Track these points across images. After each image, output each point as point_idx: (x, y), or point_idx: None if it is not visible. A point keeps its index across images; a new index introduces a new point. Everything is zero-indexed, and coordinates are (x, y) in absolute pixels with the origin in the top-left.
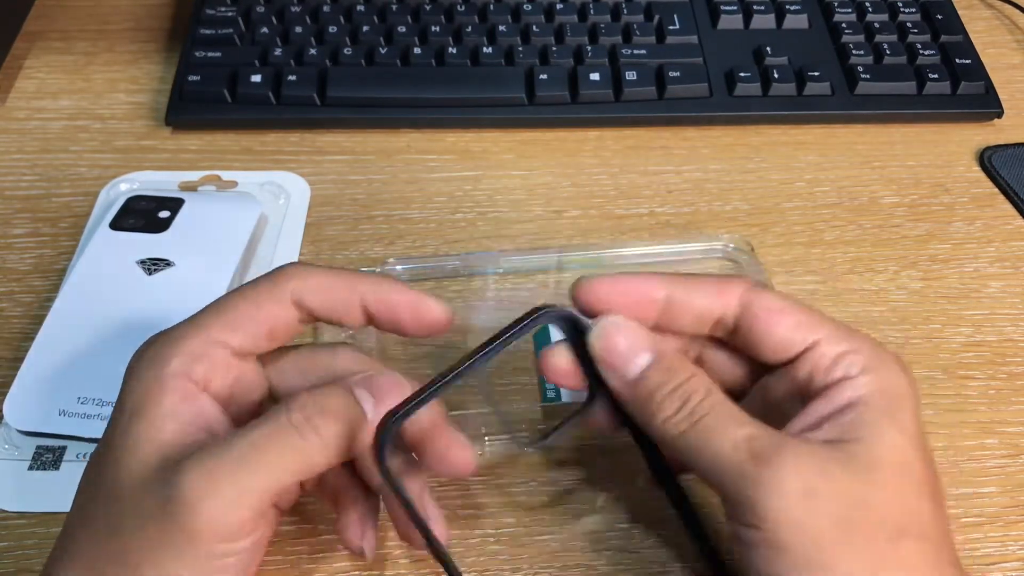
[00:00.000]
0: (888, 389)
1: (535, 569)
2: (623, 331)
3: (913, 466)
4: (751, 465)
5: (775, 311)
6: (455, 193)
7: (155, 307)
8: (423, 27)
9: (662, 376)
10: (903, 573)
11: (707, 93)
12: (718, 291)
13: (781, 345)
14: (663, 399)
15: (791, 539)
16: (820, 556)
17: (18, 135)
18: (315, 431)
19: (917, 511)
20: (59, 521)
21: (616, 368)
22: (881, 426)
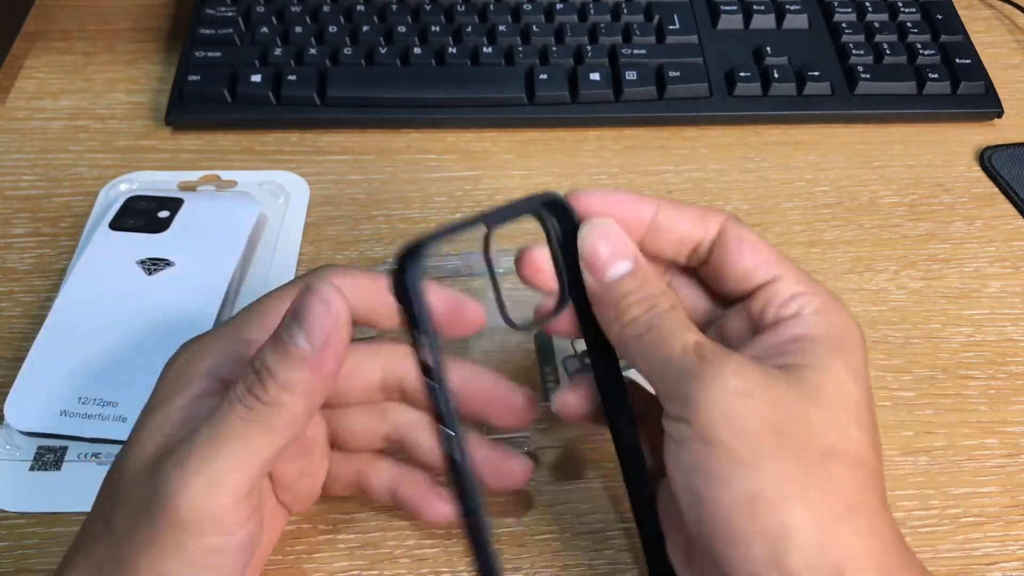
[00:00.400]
0: (838, 331)
1: (535, 569)
2: (612, 235)
3: (855, 400)
4: (696, 362)
5: (746, 243)
6: (455, 193)
7: (155, 307)
8: (423, 27)
9: (636, 284)
10: (831, 489)
11: (707, 93)
12: (701, 218)
13: (744, 275)
14: (630, 304)
15: (722, 434)
16: (749, 455)
17: (18, 135)
18: (269, 405)
19: (853, 439)
20: (60, 521)
21: (597, 267)
22: (827, 360)
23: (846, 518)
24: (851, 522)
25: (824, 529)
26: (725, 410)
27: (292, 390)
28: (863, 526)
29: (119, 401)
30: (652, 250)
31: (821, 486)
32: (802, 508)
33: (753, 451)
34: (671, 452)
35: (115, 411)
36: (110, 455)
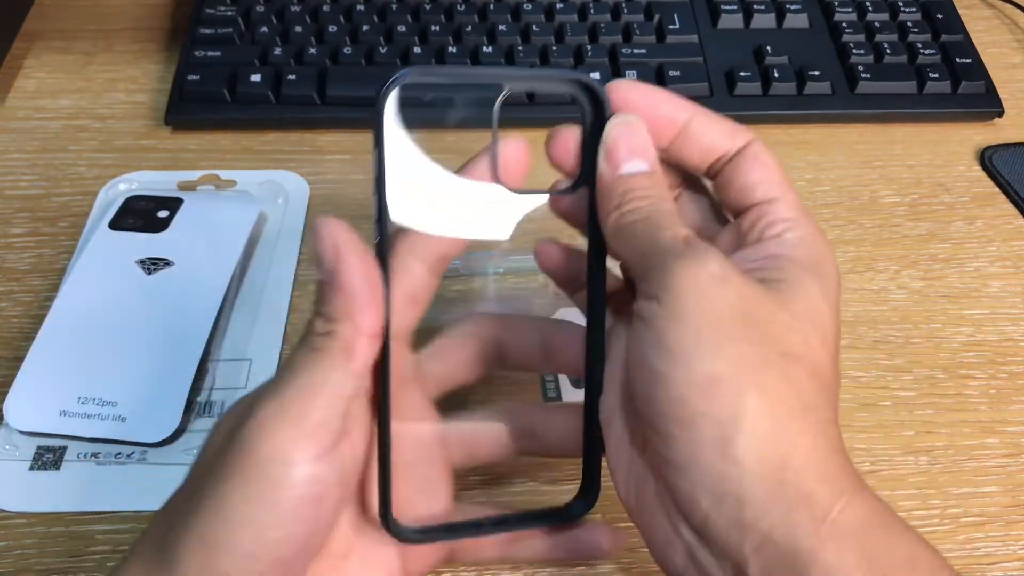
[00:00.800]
0: (817, 258)
1: (535, 569)
2: (638, 133)
3: (822, 318)
4: (682, 246)
5: (760, 160)
6: None
7: (155, 307)
8: (423, 27)
9: (645, 182)
10: (786, 385)
11: (707, 92)
12: (731, 133)
13: (746, 189)
14: (635, 197)
15: (690, 310)
16: (713, 335)
17: (18, 135)
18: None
19: (815, 348)
20: (59, 521)
21: (615, 158)
22: (803, 279)
23: (798, 415)
24: (802, 420)
25: (775, 421)
26: (698, 289)
27: (332, 316)
28: (812, 427)
29: (119, 401)
30: (679, 154)
31: (777, 380)
32: (756, 397)
33: (718, 332)
34: (635, 332)
35: (114, 411)
36: (109, 455)
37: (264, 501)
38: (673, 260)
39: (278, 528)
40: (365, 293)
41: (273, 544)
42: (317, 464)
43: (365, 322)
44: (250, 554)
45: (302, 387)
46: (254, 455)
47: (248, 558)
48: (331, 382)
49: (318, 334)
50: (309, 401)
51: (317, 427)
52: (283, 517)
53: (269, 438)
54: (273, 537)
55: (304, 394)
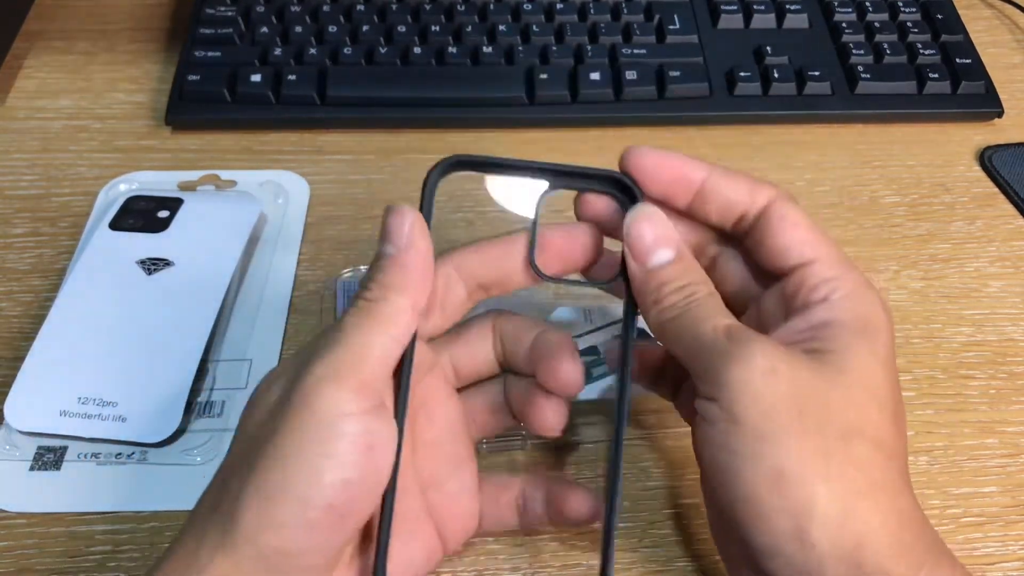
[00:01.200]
0: (864, 316)
1: (535, 569)
2: (656, 222)
3: (877, 382)
4: (725, 343)
5: (788, 221)
6: (455, 193)
7: (155, 307)
8: (423, 27)
9: (677, 272)
10: (850, 467)
11: (707, 93)
12: (751, 189)
13: (781, 253)
14: (670, 291)
15: (747, 411)
16: (772, 432)
17: (18, 135)
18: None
19: (874, 420)
20: (60, 521)
21: (640, 253)
22: (853, 345)
23: (866, 495)
24: (871, 499)
25: (845, 505)
26: (751, 388)
27: (389, 286)
28: (883, 503)
29: (119, 401)
30: (699, 214)
31: (842, 464)
32: (824, 485)
33: (776, 429)
34: (701, 432)
35: (115, 411)
36: (110, 455)
37: (319, 447)
38: (720, 360)
39: (331, 472)
40: (420, 275)
41: (328, 488)
42: (366, 416)
43: (415, 297)
44: (304, 499)
45: (354, 346)
46: (309, 408)
47: (302, 503)
48: (379, 344)
49: (369, 299)
50: (361, 359)
51: (366, 384)
52: (336, 461)
53: (325, 392)
54: (327, 481)
55: (356, 352)
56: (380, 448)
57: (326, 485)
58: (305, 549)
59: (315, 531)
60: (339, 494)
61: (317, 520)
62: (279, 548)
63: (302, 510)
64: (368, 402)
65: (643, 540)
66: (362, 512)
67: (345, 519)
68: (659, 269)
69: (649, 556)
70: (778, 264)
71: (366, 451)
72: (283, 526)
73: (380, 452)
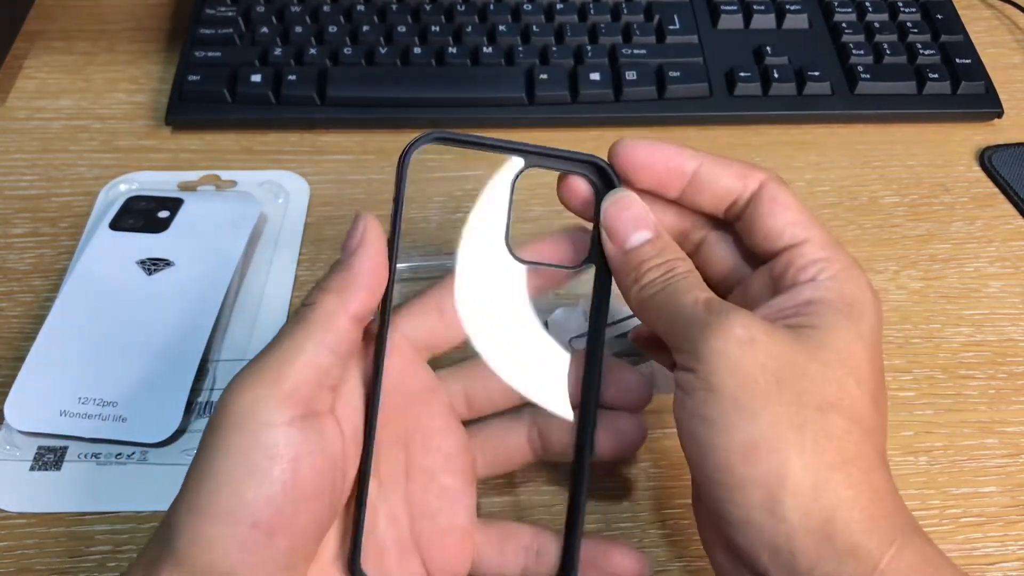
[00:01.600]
0: (850, 297)
1: None
2: (632, 205)
3: (860, 364)
4: (704, 313)
5: (779, 203)
6: (455, 193)
7: (155, 307)
8: (423, 27)
9: (653, 249)
10: (825, 439)
11: (707, 93)
12: (742, 174)
13: (772, 235)
14: (649, 268)
15: (724, 381)
16: (749, 402)
17: (18, 135)
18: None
19: (852, 395)
20: (60, 521)
21: (617, 235)
22: (836, 323)
23: (840, 468)
24: (844, 472)
25: (817, 477)
26: (728, 358)
27: (327, 289)
28: (856, 478)
29: (119, 401)
30: (691, 202)
31: (817, 437)
32: (797, 457)
33: (753, 398)
34: (678, 401)
35: (115, 411)
36: (110, 455)
37: (238, 456)
38: (699, 330)
39: (253, 486)
40: (364, 276)
41: (250, 504)
42: (291, 428)
43: (352, 301)
44: (230, 514)
45: (279, 352)
46: (231, 416)
47: (229, 519)
48: (306, 350)
49: (305, 304)
50: (286, 367)
51: (291, 393)
52: (256, 474)
53: (244, 398)
54: (249, 496)
55: (279, 358)
56: (304, 464)
57: (248, 502)
58: (241, 567)
59: (247, 549)
60: (262, 510)
61: (245, 537)
62: (213, 566)
63: (229, 527)
64: (293, 411)
65: (643, 540)
66: (295, 528)
67: (274, 537)
68: (637, 248)
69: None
70: (768, 246)
71: (290, 464)
72: (213, 544)
73: (307, 465)
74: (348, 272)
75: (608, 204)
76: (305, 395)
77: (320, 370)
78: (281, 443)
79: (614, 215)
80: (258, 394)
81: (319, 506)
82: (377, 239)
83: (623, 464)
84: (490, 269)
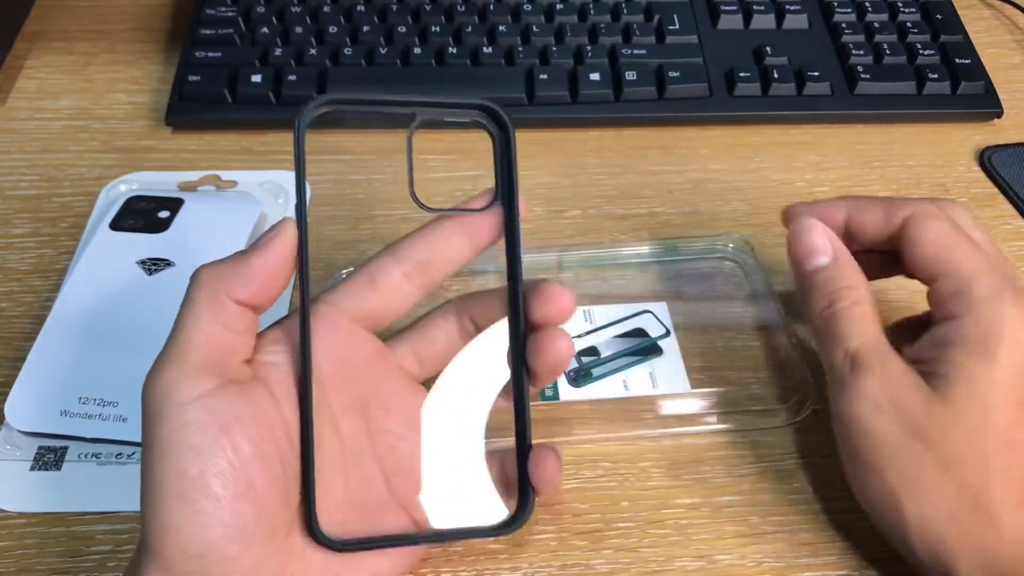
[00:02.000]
0: (985, 331)
1: (535, 568)
2: (809, 231)
3: (987, 406)
4: (847, 373)
5: (919, 242)
6: (455, 193)
7: (155, 307)
8: (423, 27)
9: (828, 276)
10: (942, 494)
11: (707, 93)
12: (885, 217)
13: (917, 271)
14: (819, 296)
15: (858, 444)
16: (876, 463)
17: (18, 135)
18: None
19: (977, 444)
20: (60, 521)
21: (797, 261)
22: (967, 370)
23: (958, 520)
24: (958, 526)
25: (936, 530)
26: (861, 423)
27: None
28: (972, 530)
29: (119, 401)
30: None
31: (936, 493)
32: (916, 511)
33: (879, 460)
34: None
35: (115, 411)
36: (110, 455)
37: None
38: (839, 387)
39: (193, 461)
40: (257, 269)
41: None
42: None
43: (236, 288)
44: (183, 496)
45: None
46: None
47: (184, 500)
48: (201, 328)
49: (192, 281)
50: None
51: (199, 366)
52: (193, 450)
53: (157, 386)
54: (195, 472)
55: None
56: (239, 425)
57: (196, 477)
58: (219, 541)
59: (217, 522)
60: (213, 481)
61: (210, 511)
62: (187, 549)
63: (188, 506)
64: (208, 384)
65: (643, 540)
66: (256, 493)
67: (239, 503)
68: (812, 273)
69: (649, 556)
70: (920, 277)
71: (222, 431)
72: (179, 529)
73: (241, 430)
74: (242, 263)
75: (793, 229)
76: (215, 366)
77: (222, 343)
78: (205, 415)
79: (795, 241)
80: (169, 378)
81: (271, 468)
82: (286, 240)
83: (623, 464)
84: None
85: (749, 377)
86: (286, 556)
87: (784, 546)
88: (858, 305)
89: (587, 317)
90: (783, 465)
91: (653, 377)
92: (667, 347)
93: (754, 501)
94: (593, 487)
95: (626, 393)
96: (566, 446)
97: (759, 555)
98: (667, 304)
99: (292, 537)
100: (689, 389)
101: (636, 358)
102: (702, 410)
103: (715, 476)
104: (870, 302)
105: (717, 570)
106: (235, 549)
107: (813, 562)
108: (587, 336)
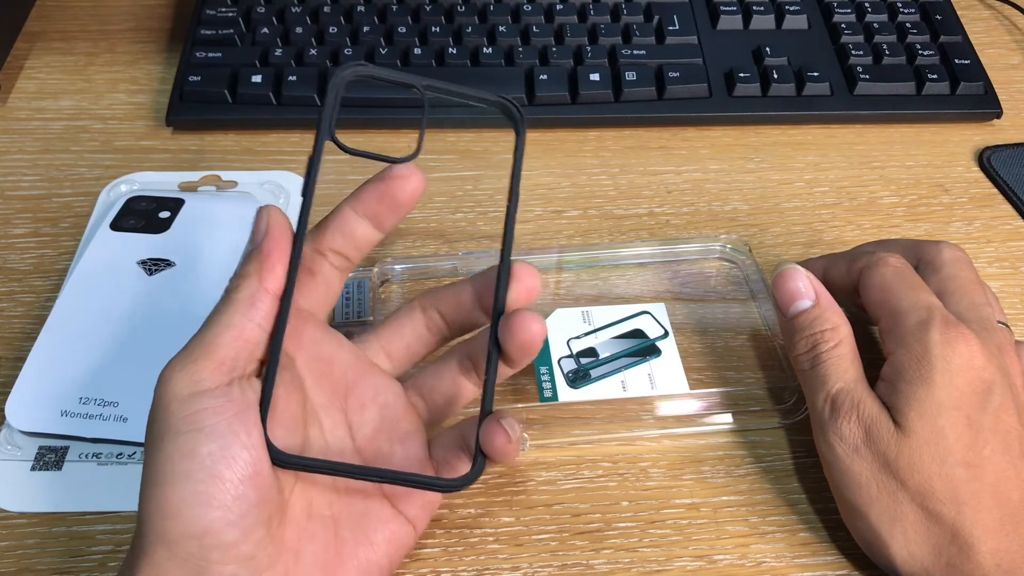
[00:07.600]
0: (917, 358)
1: (535, 568)
2: (791, 278)
3: (942, 437)
4: (827, 417)
5: (866, 287)
6: (455, 193)
7: (156, 307)
8: (423, 28)
9: (808, 320)
10: (921, 529)
11: (707, 93)
12: (848, 269)
13: (870, 314)
14: (801, 339)
15: (839, 481)
16: (858, 502)
17: (19, 135)
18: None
19: (939, 472)
20: (61, 521)
21: (781, 307)
22: (915, 397)
23: (937, 553)
24: (936, 557)
25: (922, 563)
26: (842, 465)
27: (245, 275)
28: (950, 560)
29: (120, 401)
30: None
31: (915, 529)
32: (901, 548)
33: (860, 499)
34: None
35: (116, 411)
36: (111, 455)
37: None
38: (820, 432)
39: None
40: (275, 256)
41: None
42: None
43: (269, 279)
44: (188, 476)
45: (206, 331)
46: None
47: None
48: (233, 324)
49: (228, 290)
50: (213, 340)
51: (222, 361)
52: (206, 432)
53: (180, 376)
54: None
55: (209, 336)
56: (253, 412)
57: (204, 456)
58: (216, 523)
59: (219, 505)
60: (221, 462)
61: (213, 493)
62: (187, 530)
63: (191, 485)
64: (227, 376)
65: (643, 540)
66: (260, 476)
67: (244, 487)
68: (794, 318)
69: (649, 556)
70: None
71: (237, 416)
72: (181, 508)
73: (254, 417)
74: (260, 255)
75: (776, 276)
76: (238, 363)
77: (250, 343)
78: (223, 400)
79: (779, 287)
80: (191, 368)
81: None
82: (282, 225)
83: (623, 464)
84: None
85: (748, 377)
86: (278, 548)
87: (784, 546)
88: (839, 347)
89: (586, 318)
90: (782, 465)
91: (652, 378)
92: (666, 348)
93: (753, 501)
94: (593, 487)
95: (625, 394)
96: (566, 447)
97: (759, 555)
98: (666, 305)
99: (283, 527)
100: (688, 390)
101: (635, 359)
102: (701, 410)
103: (714, 476)
104: (850, 343)
105: (717, 570)
106: (234, 534)
107: (813, 562)
108: (586, 337)
